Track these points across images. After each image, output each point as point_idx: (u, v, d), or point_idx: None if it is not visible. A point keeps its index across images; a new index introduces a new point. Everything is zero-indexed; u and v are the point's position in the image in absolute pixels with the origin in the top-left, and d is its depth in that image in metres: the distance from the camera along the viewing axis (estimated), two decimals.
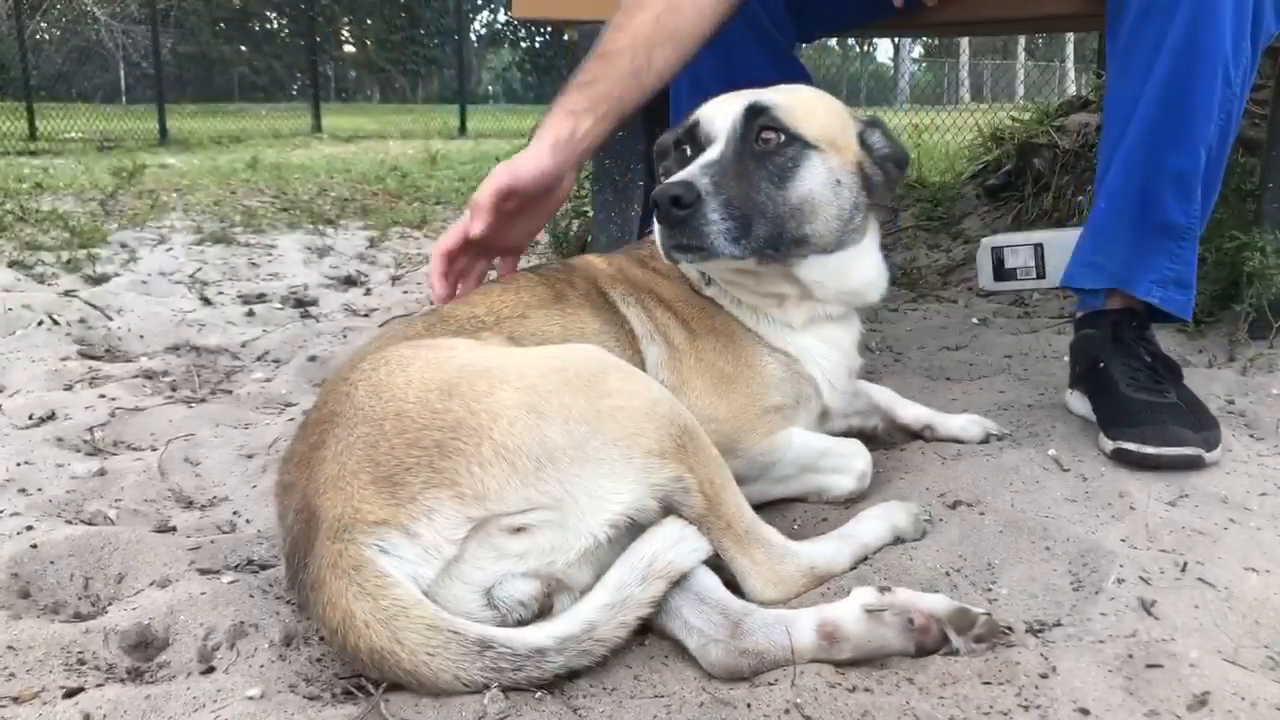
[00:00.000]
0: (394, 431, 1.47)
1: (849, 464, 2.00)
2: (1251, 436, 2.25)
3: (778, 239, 1.91)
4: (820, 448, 2.00)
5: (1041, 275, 3.91)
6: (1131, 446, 2.04)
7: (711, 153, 1.90)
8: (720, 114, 1.97)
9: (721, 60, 2.48)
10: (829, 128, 1.99)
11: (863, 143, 2.04)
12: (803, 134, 1.94)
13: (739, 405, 1.94)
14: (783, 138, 1.93)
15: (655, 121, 3.49)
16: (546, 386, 1.51)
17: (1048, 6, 3.34)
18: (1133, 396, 2.12)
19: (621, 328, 1.98)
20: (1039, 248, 3.92)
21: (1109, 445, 2.10)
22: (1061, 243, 3.86)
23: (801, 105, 1.98)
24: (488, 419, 1.47)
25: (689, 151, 2.00)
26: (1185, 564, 1.65)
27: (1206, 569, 1.63)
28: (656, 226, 1.86)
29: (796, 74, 2.69)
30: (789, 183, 1.92)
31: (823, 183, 1.95)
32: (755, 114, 1.93)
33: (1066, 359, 2.54)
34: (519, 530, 1.45)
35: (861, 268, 2.09)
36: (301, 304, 4.34)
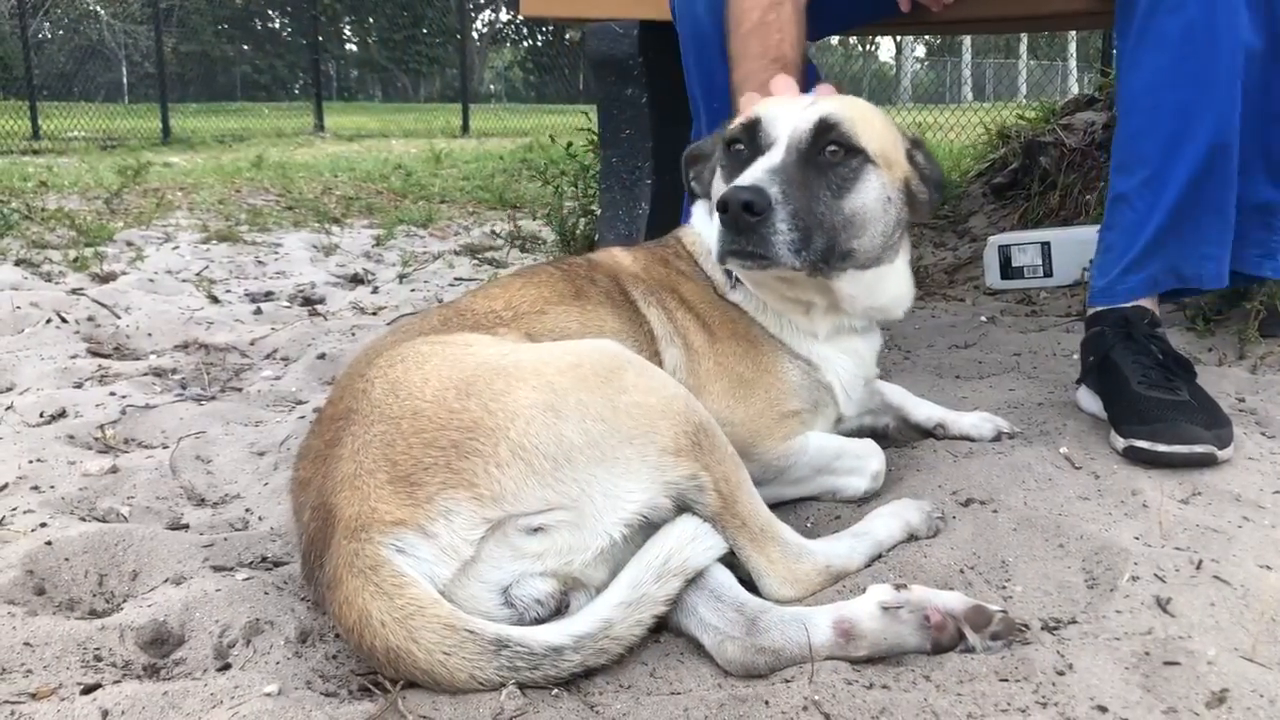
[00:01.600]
0: (411, 431, 1.47)
1: (864, 465, 2.00)
2: (1263, 434, 2.25)
3: (831, 252, 1.88)
4: (835, 449, 2.00)
5: (1049, 273, 3.92)
6: (1144, 444, 2.04)
7: (774, 157, 1.86)
8: (784, 117, 1.92)
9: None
10: (885, 143, 1.97)
11: (911, 160, 2.03)
12: (865, 148, 1.92)
13: (756, 409, 1.94)
14: (844, 150, 1.90)
15: (664, 120, 3.51)
16: (563, 384, 1.51)
17: (1055, 4, 3.34)
18: (1144, 394, 2.12)
19: (641, 328, 1.97)
20: (1046, 246, 3.93)
21: (1121, 443, 2.09)
22: (1069, 241, 3.88)
23: (863, 119, 1.95)
24: (505, 419, 1.47)
25: (744, 151, 1.95)
26: (1200, 561, 1.65)
27: (1221, 566, 1.63)
28: (717, 229, 1.81)
29: (805, 70, 2.70)
30: (846, 195, 1.90)
31: (876, 198, 1.93)
32: (826, 128, 1.89)
33: (1076, 356, 2.54)
34: (536, 530, 1.45)
35: (893, 285, 2.07)
36: (309, 302, 4.34)
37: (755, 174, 1.82)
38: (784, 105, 1.98)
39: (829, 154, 1.89)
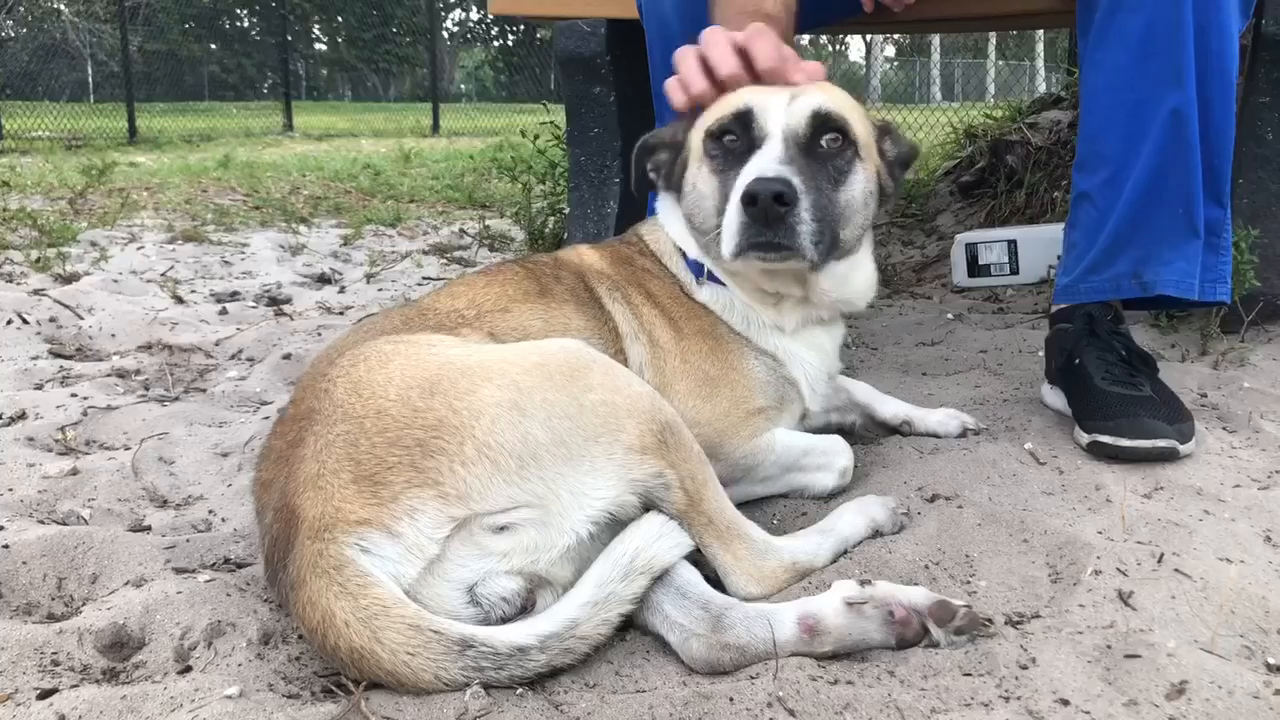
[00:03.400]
0: (375, 430, 1.46)
1: (832, 462, 2.00)
2: (1224, 429, 2.28)
3: (834, 243, 1.88)
4: (803, 447, 2.00)
5: (1015, 271, 3.95)
6: (1107, 439, 2.06)
7: (775, 149, 1.84)
8: (774, 107, 1.90)
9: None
10: (865, 135, 1.97)
11: (880, 151, 2.03)
12: (856, 139, 1.92)
13: (722, 409, 1.93)
14: (841, 141, 1.90)
15: (632, 118, 3.51)
16: (528, 383, 1.51)
17: (1018, 4, 3.37)
18: (1107, 390, 2.14)
19: (605, 325, 1.96)
20: (1012, 244, 3.96)
21: (1084, 438, 2.11)
22: (1035, 239, 3.91)
23: (851, 110, 1.95)
24: (470, 417, 1.46)
25: (737, 142, 1.91)
26: (1161, 555, 1.66)
27: (1183, 560, 1.65)
28: (736, 222, 1.79)
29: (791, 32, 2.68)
30: (841, 186, 1.90)
31: (862, 190, 1.94)
32: (823, 119, 1.88)
33: (1041, 353, 2.56)
34: (502, 529, 1.45)
35: (860, 275, 2.08)
36: (275, 302, 4.30)
37: (771, 165, 1.80)
38: (772, 94, 1.93)
39: (826, 144, 1.89)
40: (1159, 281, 2.25)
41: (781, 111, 1.89)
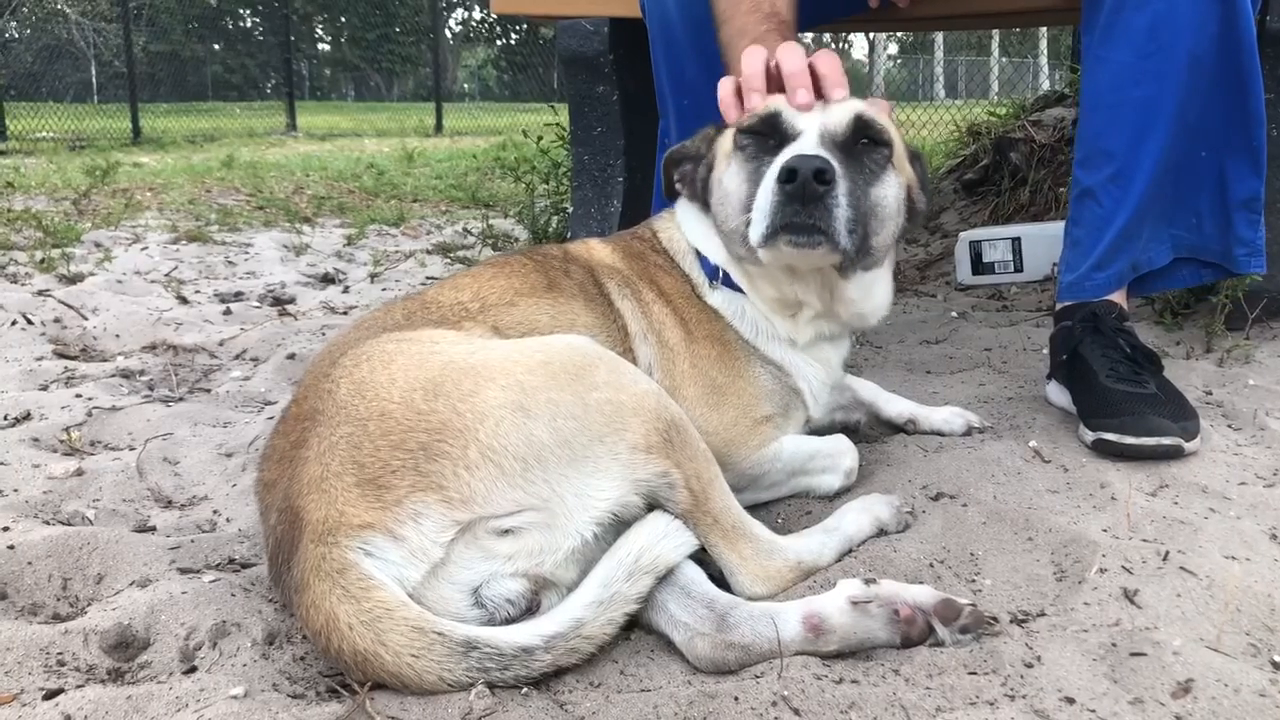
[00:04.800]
0: (378, 433, 1.46)
1: (837, 463, 1.99)
2: (1229, 426, 2.27)
3: (865, 242, 1.84)
4: (809, 451, 1.99)
5: (1019, 269, 3.95)
6: (1112, 437, 2.05)
7: (811, 139, 1.82)
8: (805, 112, 1.89)
9: (699, 50, 2.48)
10: (899, 144, 1.97)
11: (913, 166, 2.02)
12: (891, 142, 1.91)
13: (730, 417, 1.92)
14: (876, 143, 1.89)
15: (635, 117, 3.50)
16: (532, 383, 1.50)
17: (1022, 0, 3.37)
18: (1112, 387, 2.13)
19: (614, 323, 1.94)
20: (1016, 242, 3.95)
21: (1089, 436, 2.11)
22: (1039, 236, 3.90)
23: (886, 120, 1.94)
24: (473, 420, 1.45)
25: (770, 139, 1.89)
26: (1167, 553, 1.66)
27: (1188, 558, 1.64)
28: (770, 201, 1.75)
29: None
30: (874, 184, 1.87)
31: (895, 195, 1.91)
32: (857, 119, 1.87)
33: (1045, 351, 2.55)
34: (507, 532, 1.44)
35: (881, 290, 2.05)
36: (279, 302, 4.31)
37: (811, 147, 1.78)
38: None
39: (862, 145, 1.87)
40: (1153, 260, 2.27)
41: (817, 112, 1.89)
